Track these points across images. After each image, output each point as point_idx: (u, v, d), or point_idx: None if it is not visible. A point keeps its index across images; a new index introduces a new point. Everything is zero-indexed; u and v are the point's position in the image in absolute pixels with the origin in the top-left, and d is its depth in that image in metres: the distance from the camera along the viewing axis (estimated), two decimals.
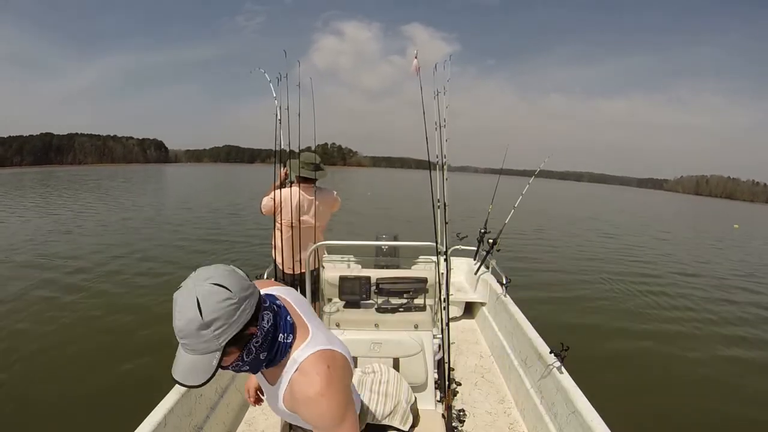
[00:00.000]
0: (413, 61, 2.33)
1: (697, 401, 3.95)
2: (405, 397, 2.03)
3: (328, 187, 2.98)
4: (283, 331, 0.93)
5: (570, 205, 31.95)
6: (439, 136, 2.38)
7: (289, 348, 0.93)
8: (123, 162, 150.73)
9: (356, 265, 3.29)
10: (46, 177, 41.92)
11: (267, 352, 0.90)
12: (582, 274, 8.60)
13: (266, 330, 0.88)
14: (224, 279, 0.79)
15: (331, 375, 0.91)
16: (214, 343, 0.78)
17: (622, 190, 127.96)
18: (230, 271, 0.82)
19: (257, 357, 0.89)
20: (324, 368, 0.91)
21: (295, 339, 0.95)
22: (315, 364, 0.92)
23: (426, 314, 2.32)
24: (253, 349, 0.87)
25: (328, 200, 2.95)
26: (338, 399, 0.91)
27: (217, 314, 0.76)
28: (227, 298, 0.77)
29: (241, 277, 0.82)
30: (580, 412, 1.87)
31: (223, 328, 0.77)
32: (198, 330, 0.76)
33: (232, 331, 0.79)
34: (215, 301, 0.76)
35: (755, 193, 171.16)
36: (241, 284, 0.81)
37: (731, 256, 13.16)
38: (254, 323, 0.84)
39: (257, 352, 0.88)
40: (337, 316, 2.32)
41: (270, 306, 0.91)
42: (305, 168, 2.74)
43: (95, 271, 7.11)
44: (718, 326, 6.05)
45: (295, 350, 0.94)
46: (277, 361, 0.93)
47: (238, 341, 0.82)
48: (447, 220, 2.29)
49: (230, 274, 0.81)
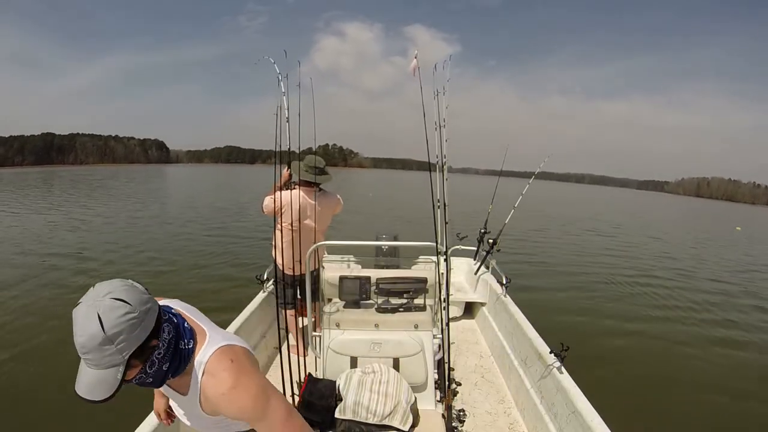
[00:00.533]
0: (412, 62, 2.34)
1: (697, 401, 3.95)
2: (405, 397, 2.04)
3: (331, 191, 2.98)
4: (183, 337, 0.94)
5: (571, 207, 31.89)
6: (439, 136, 2.39)
7: (192, 353, 0.95)
8: (124, 162, 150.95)
9: (356, 265, 3.28)
10: (49, 177, 42.01)
11: (170, 363, 0.91)
12: (582, 274, 8.61)
13: (168, 341, 0.89)
14: (124, 293, 0.80)
15: (237, 367, 0.93)
16: (117, 357, 0.78)
17: (622, 192, 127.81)
18: (129, 285, 0.83)
19: (160, 368, 0.89)
20: (228, 363, 0.93)
21: (196, 343, 0.96)
22: (219, 361, 0.94)
23: (426, 314, 2.32)
24: (156, 361, 0.88)
25: (331, 204, 2.94)
26: (253, 386, 0.93)
27: (119, 328, 0.77)
28: (128, 312, 0.78)
29: (140, 291, 0.84)
30: (580, 412, 1.87)
31: (125, 342, 0.78)
32: (101, 345, 0.76)
33: (134, 344, 0.80)
34: (116, 316, 0.77)
35: (756, 195, 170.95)
36: (141, 298, 0.82)
37: (734, 256, 13.15)
38: (156, 335, 0.86)
39: (160, 364, 0.89)
40: (337, 316, 2.32)
41: (169, 318, 0.93)
42: (308, 171, 2.74)
43: (100, 267, 7.15)
44: (724, 328, 6.05)
45: (198, 354, 0.95)
46: (183, 369, 0.94)
47: (141, 354, 0.83)
48: (447, 220, 2.29)
49: (130, 288, 0.82)
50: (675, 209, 47.74)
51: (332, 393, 2.09)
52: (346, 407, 2.01)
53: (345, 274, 2.39)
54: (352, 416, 1.99)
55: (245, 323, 2.74)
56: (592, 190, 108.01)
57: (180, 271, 7.22)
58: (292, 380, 2.07)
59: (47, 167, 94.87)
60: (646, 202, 56.60)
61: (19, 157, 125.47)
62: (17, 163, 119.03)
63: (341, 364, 2.23)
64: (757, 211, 77.12)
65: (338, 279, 2.36)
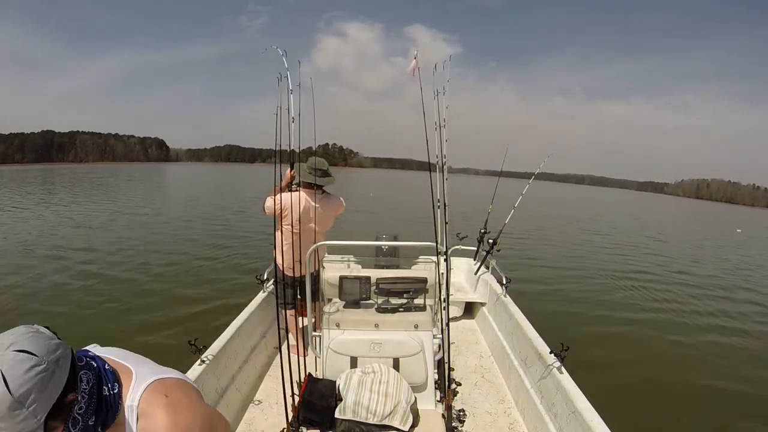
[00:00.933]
0: (412, 62, 2.34)
1: (697, 401, 3.95)
2: (405, 397, 2.04)
3: (333, 193, 2.97)
4: (106, 383, 0.82)
5: (571, 207, 31.91)
6: (439, 136, 2.39)
7: (120, 398, 0.83)
8: (124, 160, 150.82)
9: (356, 265, 3.29)
10: (49, 174, 42.00)
11: (96, 415, 0.78)
12: (582, 274, 8.61)
13: (89, 392, 0.77)
14: (28, 343, 0.67)
15: (173, 402, 0.84)
16: (31, 422, 0.65)
17: (621, 193, 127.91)
18: (33, 332, 0.70)
19: (87, 425, 0.77)
20: (162, 399, 0.83)
21: (122, 386, 0.84)
22: (151, 400, 0.83)
23: (426, 314, 2.32)
24: (79, 418, 0.75)
25: (333, 206, 2.93)
26: (196, 419, 0.84)
27: (26, 386, 0.64)
28: (35, 365, 0.66)
29: (46, 337, 0.71)
30: (580, 412, 1.87)
31: (37, 403, 0.65)
32: (11, 410, 0.63)
33: (48, 402, 0.67)
34: (22, 372, 0.64)
35: (756, 197, 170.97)
36: (48, 345, 0.70)
37: (736, 256, 13.19)
38: (72, 388, 0.73)
39: (84, 419, 0.76)
40: (337, 316, 2.32)
41: (86, 363, 0.80)
42: (311, 173, 2.73)
43: (101, 267, 7.16)
44: (724, 327, 6.06)
45: (126, 397, 0.83)
46: (113, 419, 0.82)
47: (59, 413, 0.70)
48: (447, 220, 2.29)
49: (34, 335, 0.69)
50: (676, 211, 47.76)
51: (332, 393, 2.09)
52: (346, 407, 2.01)
53: (345, 274, 2.39)
54: (352, 416, 1.99)
55: (245, 323, 2.74)
56: (592, 191, 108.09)
57: (180, 271, 7.22)
58: (292, 380, 2.07)
59: (47, 165, 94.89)
60: (645, 204, 56.65)
61: (19, 154, 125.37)
62: (17, 161, 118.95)
63: (341, 364, 2.23)
64: (757, 213, 77.19)
65: (338, 279, 2.36)
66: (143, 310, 5.26)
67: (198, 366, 2.13)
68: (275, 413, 2.45)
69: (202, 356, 2.18)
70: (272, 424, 2.37)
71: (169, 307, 5.33)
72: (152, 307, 5.38)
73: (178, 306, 5.35)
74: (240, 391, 2.50)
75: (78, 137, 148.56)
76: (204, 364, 2.15)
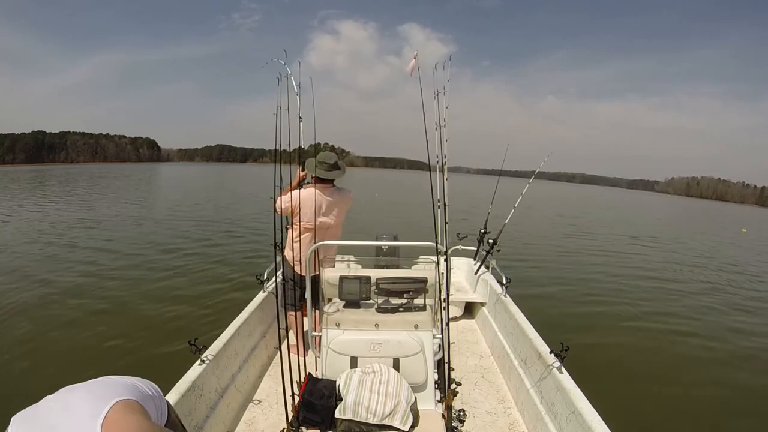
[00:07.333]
0: (411, 62, 2.34)
1: (697, 401, 3.97)
2: (405, 397, 2.03)
3: (345, 187, 2.98)
4: None
5: (572, 207, 32.06)
6: (439, 136, 2.39)
7: None
8: (116, 160, 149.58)
9: (356, 265, 3.28)
10: (41, 175, 41.48)
11: None
12: (583, 274, 8.64)
13: None
14: None
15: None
16: None
17: (613, 191, 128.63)
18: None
19: None
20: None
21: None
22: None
23: (426, 314, 2.32)
24: None
25: (345, 199, 2.95)
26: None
27: None
28: None
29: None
30: (580, 412, 1.88)
31: None
32: None
33: None
34: None
35: (745, 195, 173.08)
36: None
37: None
38: None
39: None
40: (337, 316, 2.31)
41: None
42: (320, 167, 2.73)
43: (102, 267, 7.09)
44: (725, 327, 6.10)
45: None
46: None
47: None
48: (447, 220, 2.29)
49: None
50: (671, 210, 48.12)
51: (332, 393, 2.08)
52: (346, 407, 2.00)
53: (345, 274, 2.38)
54: (352, 416, 1.99)
55: (245, 323, 2.73)
56: (584, 189, 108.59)
57: (180, 273, 7.16)
58: (292, 380, 2.06)
59: (38, 165, 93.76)
60: (638, 201, 57.02)
61: (9, 155, 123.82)
62: (8, 162, 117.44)
63: (341, 364, 2.22)
64: (747, 210, 78.05)
65: (338, 279, 2.35)
66: (144, 310, 5.25)
67: (198, 366, 2.12)
68: (275, 413, 2.44)
69: (202, 356, 2.18)
70: (272, 423, 2.36)
71: (170, 307, 5.30)
72: (152, 306, 5.37)
73: (178, 306, 5.32)
74: (240, 391, 2.49)
75: (69, 138, 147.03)
76: (204, 364, 2.14)
